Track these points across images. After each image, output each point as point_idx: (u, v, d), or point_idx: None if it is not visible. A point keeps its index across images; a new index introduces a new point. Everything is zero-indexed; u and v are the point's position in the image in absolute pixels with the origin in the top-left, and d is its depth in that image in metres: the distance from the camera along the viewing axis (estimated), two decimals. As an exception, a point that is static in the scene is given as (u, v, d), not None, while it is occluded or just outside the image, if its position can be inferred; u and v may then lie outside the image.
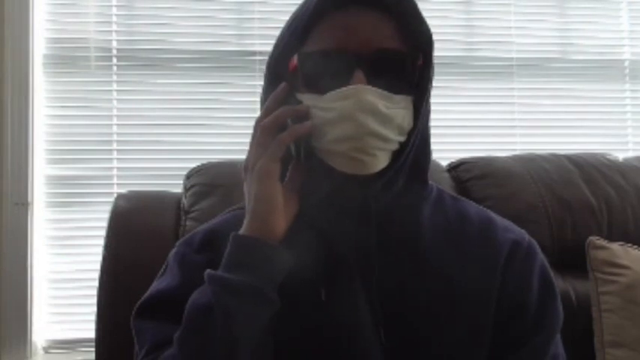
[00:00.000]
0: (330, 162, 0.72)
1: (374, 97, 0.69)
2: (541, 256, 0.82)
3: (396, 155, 0.73)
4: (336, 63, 0.71)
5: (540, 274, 0.80)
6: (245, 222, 0.72)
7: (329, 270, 0.73)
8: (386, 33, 0.73)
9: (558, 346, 0.80)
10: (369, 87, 0.69)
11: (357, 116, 0.68)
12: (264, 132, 0.72)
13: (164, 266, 0.83)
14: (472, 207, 0.85)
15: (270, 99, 0.74)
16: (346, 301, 0.73)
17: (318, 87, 0.72)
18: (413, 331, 0.74)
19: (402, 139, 0.73)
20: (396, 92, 0.71)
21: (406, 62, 0.73)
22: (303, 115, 0.72)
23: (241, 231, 0.71)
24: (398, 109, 0.71)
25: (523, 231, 0.84)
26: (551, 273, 0.82)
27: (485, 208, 0.87)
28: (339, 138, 0.70)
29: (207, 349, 0.66)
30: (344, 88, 0.69)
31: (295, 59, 0.74)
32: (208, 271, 0.70)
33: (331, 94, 0.70)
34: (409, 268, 0.76)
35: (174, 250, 0.83)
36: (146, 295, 0.79)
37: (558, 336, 0.80)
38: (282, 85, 0.74)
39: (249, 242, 0.70)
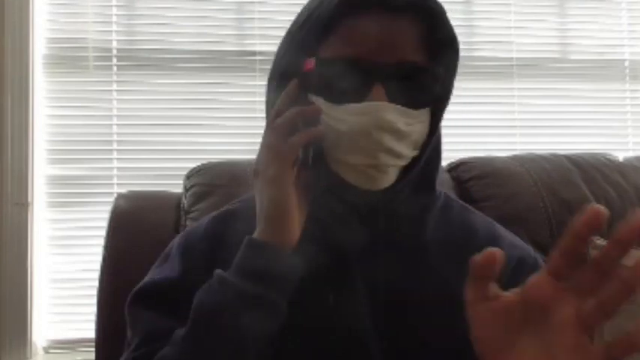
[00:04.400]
0: (340, 173, 0.70)
1: (395, 115, 0.67)
2: None
3: (408, 168, 0.71)
4: (355, 74, 0.67)
5: None
6: (259, 227, 0.69)
7: (336, 274, 0.72)
8: (411, 42, 0.69)
9: None
10: (391, 105, 0.67)
11: (374, 133, 0.66)
12: (277, 133, 0.69)
13: (164, 254, 0.80)
14: (480, 219, 0.83)
15: (282, 98, 0.71)
16: (351, 305, 0.71)
17: (333, 95, 0.68)
18: (413, 336, 0.73)
19: (416, 153, 0.71)
20: (416, 107, 0.69)
21: (430, 77, 0.70)
22: (315, 118, 0.69)
23: (256, 235, 0.68)
24: (416, 123, 0.69)
25: (529, 247, 0.82)
26: None
27: (492, 221, 0.84)
28: (352, 151, 0.68)
29: (214, 350, 0.65)
30: (365, 104, 0.66)
31: (313, 62, 0.70)
32: (220, 272, 0.67)
33: (348, 107, 0.67)
34: (411, 274, 0.74)
35: (177, 240, 0.81)
36: (143, 282, 0.77)
37: None
38: (293, 82, 0.71)
39: (265, 248, 0.67)
